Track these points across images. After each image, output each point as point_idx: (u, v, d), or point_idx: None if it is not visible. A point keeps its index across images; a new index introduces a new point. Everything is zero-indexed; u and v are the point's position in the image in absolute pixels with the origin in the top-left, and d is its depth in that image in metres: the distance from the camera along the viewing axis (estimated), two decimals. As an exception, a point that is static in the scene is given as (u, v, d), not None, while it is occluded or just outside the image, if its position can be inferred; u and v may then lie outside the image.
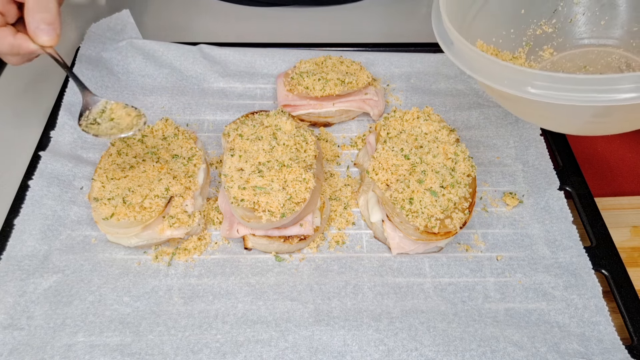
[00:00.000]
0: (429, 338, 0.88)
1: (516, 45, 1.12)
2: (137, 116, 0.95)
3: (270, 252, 1.00)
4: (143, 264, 0.98)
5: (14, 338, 0.86)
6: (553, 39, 1.13)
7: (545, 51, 1.13)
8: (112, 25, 1.35)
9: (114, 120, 0.95)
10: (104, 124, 0.95)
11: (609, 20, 1.11)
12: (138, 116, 0.94)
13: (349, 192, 1.10)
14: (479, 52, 0.85)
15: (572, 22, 1.11)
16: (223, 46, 1.37)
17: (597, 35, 1.12)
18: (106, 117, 0.95)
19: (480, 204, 1.09)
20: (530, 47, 1.12)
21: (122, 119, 0.95)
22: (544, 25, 1.12)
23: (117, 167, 0.99)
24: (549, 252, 1.01)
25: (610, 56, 1.12)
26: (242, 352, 0.86)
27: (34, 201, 1.02)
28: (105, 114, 0.96)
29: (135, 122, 0.94)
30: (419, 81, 1.34)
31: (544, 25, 1.12)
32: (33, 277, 0.94)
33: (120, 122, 0.95)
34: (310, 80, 1.18)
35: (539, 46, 1.13)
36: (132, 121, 0.95)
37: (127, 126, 0.94)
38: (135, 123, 0.94)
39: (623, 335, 0.89)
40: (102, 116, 0.96)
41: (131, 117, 0.95)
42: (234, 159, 0.99)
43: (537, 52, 1.13)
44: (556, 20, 1.11)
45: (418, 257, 1.01)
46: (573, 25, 1.12)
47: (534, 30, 1.12)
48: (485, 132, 1.22)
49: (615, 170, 1.20)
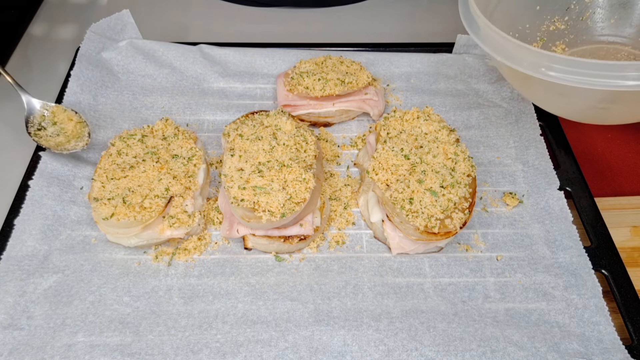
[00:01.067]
0: (429, 338, 0.88)
1: (531, 40, 1.18)
2: (80, 122, 0.98)
3: (270, 252, 1.00)
4: (143, 264, 0.98)
5: (14, 338, 0.86)
6: (565, 35, 1.19)
7: (558, 47, 1.18)
8: (112, 25, 1.35)
9: (56, 125, 0.99)
10: (49, 128, 0.99)
11: (618, 19, 1.16)
12: (80, 123, 0.98)
13: (349, 192, 1.10)
14: (505, 36, 0.91)
15: (584, 20, 1.16)
16: (223, 46, 1.37)
17: (607, 32, 1.18)
18: (49, 121, 1.00)
19: (480, 204, 1.09)
20: (544, 42, 1.17)
21: (65, 124, 1.00)
22: (557, 22, 1.17)
23: (117, 167, 0.99)
24: (549, 252, 1.01)
25: (620, 53, 1.17)
26: (242, 352, 0.86)
27: (34, 201, 1.02)
28: (47, 118, 1.00)
29: (78, 130, 0.98)
30: (419, 81, 1.34)
31: (557, 22, 1.17)
32: (33, 277, 0.94)
33: (65, 128, 0.99)
34: (310, 80, 1.18)
35: (552, 42, 1.19)
36: (75, 128, 0.98)
37: (72, 134, 0.98)
38: (79, 131, 0.98)
39: (623, 335, 0.89)
40: (45, 120, 1.00)
41: (73, 122, 1.00)
42: (234, 159, 0.99)
43: (550, 47, 1.19)
44: (569, 18, 1.17)
45: (418, 257, 1.01)
46: (585, 22, 1.17)
47: (548, 26, 1.18)
48: (485, 132, 1.22)
49: (615, 170, 1.20)
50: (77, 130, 0.98)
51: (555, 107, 1.06)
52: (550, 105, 1.06)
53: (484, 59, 1.35)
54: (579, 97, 0.96)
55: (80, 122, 0.97)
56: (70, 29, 1.54)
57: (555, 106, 1.05)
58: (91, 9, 1.62)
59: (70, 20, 1.57)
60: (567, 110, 1.05)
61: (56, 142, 0.96)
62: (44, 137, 0.99)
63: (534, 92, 1.05)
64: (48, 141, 0.99)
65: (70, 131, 0.98)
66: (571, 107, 1.03)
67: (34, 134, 0.97)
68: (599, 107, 0.95)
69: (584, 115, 1.04)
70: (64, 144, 0.95)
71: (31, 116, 0.97)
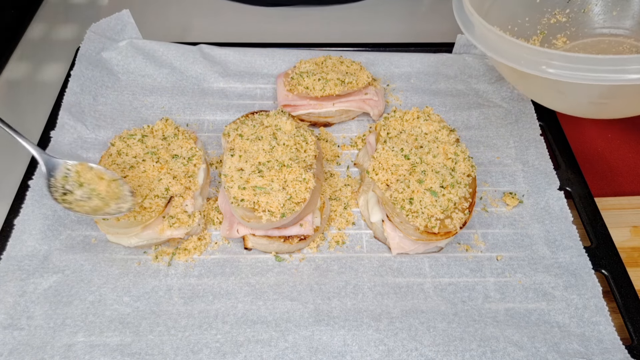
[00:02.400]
0: (429, 338, 0.88)
1: (531, 33, 1.17)
2: (114, 181, 0.83)
3: (270, 252, 1.00)
4: (143, 264, 0.98)
5: (14, 338, 0.86)
6: (567, 28, 1.18)
7: (559, 40, 1.18)
8: (112, 25, 1.35)
9: (84, 187, 0.83)
10: (76, 191, 0.83)
11: (620, 11, 1.16)
12: (114, 181, 0.83)
13: (349, 192, 1.10)
14: (500, 34, 0.90)
15: (586, 12, 1.16)
16: (223, 46, 1.37)
17: (609, 25, 1.18)
18: (75, 183, 0.84)
19: (480, 204, 1.09)
20: (544, 35, 1.17)
21: (95, 184, 0.83)
22: (558, 15, 1.17)
23: (117, 167, 0.99)
24: (549, 252, 1.01)
25: (622, 45, 1.16)
26: (242, 352, 0.86)
27: (34, 201, 1.02)
28: (71, 179, 0.84)
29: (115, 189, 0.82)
30: (419, 81, 1.34)
31: (558, 15, 1.16)
32: (33, 277, 0.94)
33: (96, 189, 0.83)
34: (310, 80, 1.18)
35: (552, 35, 1.18)
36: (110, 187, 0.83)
37: (109, 195, 0.82)
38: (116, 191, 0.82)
39: (623, 335, 0.89)
40: (69, 181, 0.84)
41: (105, 180, 0.84)
42: (234, 159, 0.99)
43: (550, 40, 1.18)
44: (570, 10, 1.17)
45: (418, 257, 1.01)
46: (586, 15, 1.17)
47: (549, 19, 1.17)
48: (485, 132, 1.22)
49: (615, 170, 1.20)
50: (113, 190, 0.82)
51: (552, 102, 1.05)
52: (547, 101, 1.06)
53: (484, 59, 1.35)
54: (577, 93, 0.96)
55: (114, 180, 0.81)
56: (70, 29, 1.54)
57: (553, 101, 1.05)
58: (91, 9, 1.62)
59: (70, 20, 1.57)
60: (565, 105, 1.05)
61: (91, 207, 0.80)
62: (74, 203, 0.82)
63: (532, 88, 1.05)
64: (82, 207, 0.83)
65: (104, 192, 0.82)
66: (569, 102, 1.02)
67: (60, 199, 0.80)
68: (597, 102, 0.95)
69: (582, 110, 1.04)
70: (103, 209, 0.79)
71: (51, 178, 0.81)
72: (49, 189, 0.83)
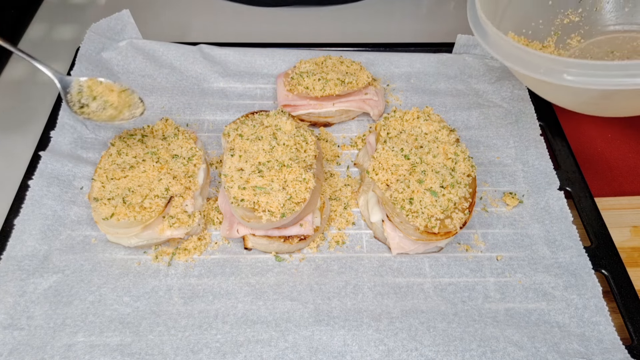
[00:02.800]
0: (429, 338, 0.88)
1: (545, 34, 1.19)
2: (123, 91, 0.88)
3: (270, 252, 1.00)
4: (143, 264, 0.98)
5: (14, 338, 0.86)
6: (580, 27, 1.20)
7: (573, 39, 1.20)
8: (112, 25, 1.35)
9: (97, 99, 0.89)
10: (91, 104, 0.89)
11: (632, 7, 1.18)
12: (124, 91, 0.88)
13: (349, 192, 1.10)
14: (515, 44, 0.92)
15: (598, 10, 1.18)
16: (223, 46, 1.37)
17: (622, 21, 1.19)
18: (88, 97, 0.90)
19: (480, 204, 1.09)
20: (558, 36, 1.19)
21: (107, 96, 0.90)
22: (570, 15, 1.18)
23: (117, 167, 0.99)
24: (549, 252, 1.01)
25: (636, 41, 1.18)
26: (242, 352, 0.86)
27: (34, 201, 1.02)
28: (84, 93, 0.90)
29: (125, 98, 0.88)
30: (419, 81, 1.34)
31: (571, 15, 1.18)
32: (33, 277, 0.94)
33: (108, 99, 0.89)
34: (310, 80, 1.18)
35: (566, 34, 1.20)
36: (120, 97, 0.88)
37: (121, 103, 0.88)
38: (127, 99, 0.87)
39: (623, 335, 0.89)
40: (83, 96, 0.90)
41: (115, 91, 0.90)
42: (234, 159, 0.99)
43: (565, 40, 1.20)
44: (582, 9, 1.18)
45: (418, 257, 1.01)
46: (599, 13, 1.19)
47: (562, 20, 1.19)
48: (485, 132, 1.22)
49: (615, 170, 1.20)
50: (124, 99, 0.88)
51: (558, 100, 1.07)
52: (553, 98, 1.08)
53: (484, 59, 1.35)
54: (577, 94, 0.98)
55: (123, 90, 0.87)
56: (70, 29, 1.54)
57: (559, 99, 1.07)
58: (91, 9, 1.62)
59: (70, 20, 1.57)
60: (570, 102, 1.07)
61: (107, 116, 0.86)
62: (92, 114, 0.89)
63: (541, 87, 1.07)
64: (99, 117, 0.89)
65: (116, 102, 0.88)
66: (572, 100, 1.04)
67: (79, 112, 0.86)
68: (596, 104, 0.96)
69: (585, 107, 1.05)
70: (118, 116, 0.86)
71: (68, 94, 0.87)
72: (67, 103, 0.90)
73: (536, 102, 1.26)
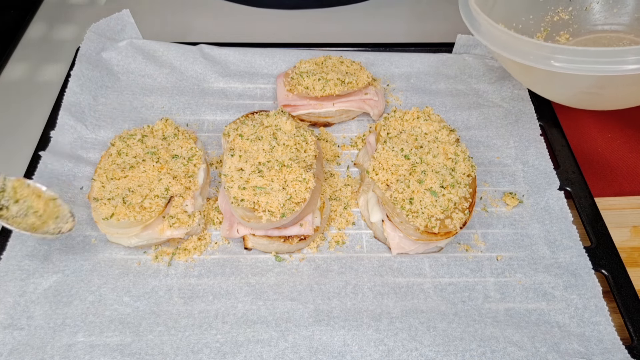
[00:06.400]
0: (429, 338, 0.88)
1: (535, 30, 1.21)
2: (52, 200, 0.81)
3: (270, 252, 1.00)
4: (143, 264, 0.98)
5: (14, 338, 0.86)
6: (569, 25, 1.23)
7: (562, 36, 1.23)
8: (112, 25, 1.35)
9: (19, 203, 0.82)
10: (11, 207, 0.81)
11: (620, 9, 1.21)
12: (52, 200, 0.81)
13: (349, 192, 1.10)
14: (505, 30, 0.95)
15: (587, 10, 1.21)
16: (223, 46, 1.37)
17: (609, 22, 1.23)
18: (10, 199, 0.82)
19: (480, 204, 1.09)
20: (547, 32, 1.21)
21: (33, 201, 0.82)
22: (561, 12, 1.21)
23: (117, 167, 0.99)
24: (549, 252, 1.01)
25: (622, 41, 1.21)
26: (242, 352, 0.86)
27: (34, 201, 1.02)
28: (7, 194, 0.82)
29: (53, 208, 0.80)
30: (419, 81, 1.34)
31: (561, 12, 1.21)
32: (33, 277, 0.94)
33: (33, 206, 0.81)
34: (310, 80, 1.18)
35: (556, 32, 1.23)
36: (47, 206, 0.81)
37: (47, 214, 0.81)
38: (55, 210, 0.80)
39: (623, 335, 0.89)
40: (4, 197, 0.82)
41: (43, 199, 0.82)
42: (234, 159, 0.99)
43: (554, 37, 1.23)
44: (572, 8, 1.21)
45: (418, 257, 1.01)
46: (588, 12, 1.22)
47: (552, 17, 1.22)
48: (485, 132, 1.22)
49: (615, 170, 1.20)
50: (52, 209, 0.80)
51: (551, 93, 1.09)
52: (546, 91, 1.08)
53: (484, 59, 1.35)
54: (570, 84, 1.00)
55: (52, 198, 0.79)
56: (70, 29, 1.54)
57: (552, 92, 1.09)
58: (91, 9, 1.62)
59: (70, 21, 1.57)
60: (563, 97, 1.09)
61: (29, 224, 0.78)
62: (10, 219, 0.80)
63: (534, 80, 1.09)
64: (19, 224, 0.81)
65: (41, 210, 0.80)
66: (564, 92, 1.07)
67: None
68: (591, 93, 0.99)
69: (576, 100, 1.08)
70: (41, 227, 0.77)
71: None
72: None
73: (536, 102, 1.26)
